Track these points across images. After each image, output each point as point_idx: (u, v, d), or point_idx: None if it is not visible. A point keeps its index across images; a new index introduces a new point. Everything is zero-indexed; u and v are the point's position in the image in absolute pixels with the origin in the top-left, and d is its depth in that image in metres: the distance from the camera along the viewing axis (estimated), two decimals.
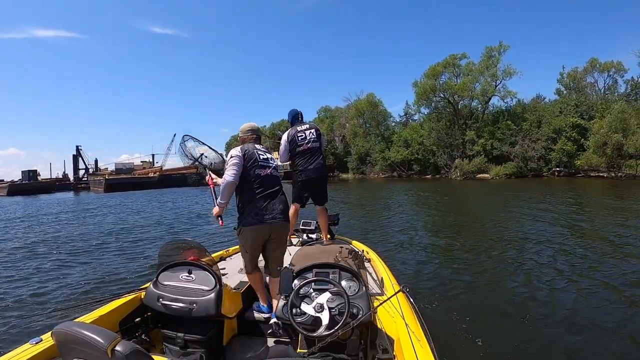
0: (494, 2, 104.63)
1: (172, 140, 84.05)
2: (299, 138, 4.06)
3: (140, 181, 56.59)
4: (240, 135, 2.98)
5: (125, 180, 56.48)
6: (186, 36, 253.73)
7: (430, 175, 40.73)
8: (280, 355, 2.09)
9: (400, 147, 43.05)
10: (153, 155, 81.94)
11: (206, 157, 3.38)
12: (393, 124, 50.23)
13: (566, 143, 33.07)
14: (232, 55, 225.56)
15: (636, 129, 29.36)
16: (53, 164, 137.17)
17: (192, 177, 53.90)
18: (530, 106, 39.02)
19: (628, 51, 59.79)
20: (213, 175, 3.08)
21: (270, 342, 2.50)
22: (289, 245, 3.91)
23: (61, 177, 75.37)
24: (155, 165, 75.73)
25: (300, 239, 4.32)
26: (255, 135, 2.95)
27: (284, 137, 4.11)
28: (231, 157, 2.66)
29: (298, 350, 2.11)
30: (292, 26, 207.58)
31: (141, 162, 78.64)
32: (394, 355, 1.84)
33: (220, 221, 2.84)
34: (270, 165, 2.79)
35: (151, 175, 61.54)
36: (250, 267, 2.72)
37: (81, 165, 72.67)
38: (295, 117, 4.28)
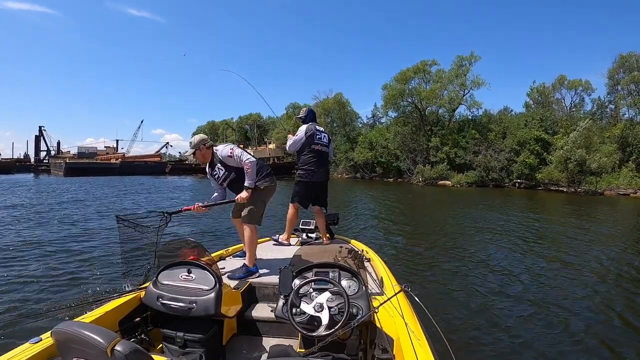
0: (473, 14, 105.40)
1: (139, 127, 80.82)
2: (317, 137, 3.94)
3: (101, 167, 52.97)
4: (202, 145, 3.12)
5: (86, 165, 52.77)
6: (162, 21, 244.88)
7: (392, 179, 38.49)
8: (280, 355, 1.87)
9: (365, 148, 40.65)
10: (117, 140, 77.60)
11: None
12: (360, 125, 47.98)
13: (529, 156, 31.77)
14: (204, 45, 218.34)
15: (598, 147, 28.80)
16: (15, 144, 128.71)
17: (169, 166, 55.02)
18: (496, 117, 37.53)
19: (597, 71, 60.36)
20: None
21: (270, 342, 2.40)
22: (288, 246, 3.98)
23: (22, 157, 69.98)
24: (120, 150, 71.08)
25: (300, 239, 4.16)
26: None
27: (304, 128, 3.94)
28: (232, 147, 3.12)
29: (298, 350, 2.08)
30: (267, 19, 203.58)
31: (105, 147, 73.32)
32: (394, 355, 1.76)
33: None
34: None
35: (113, 161, 57.28)
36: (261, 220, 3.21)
37: (43, 146, 67.51)
38: (314, 117, 4.17)
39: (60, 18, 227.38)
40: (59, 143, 71.36)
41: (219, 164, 3.11)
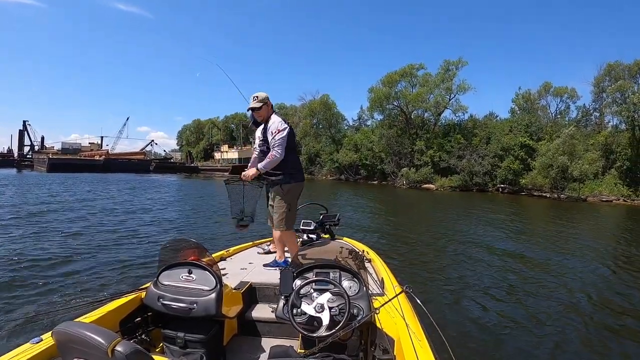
0: (462, 20, 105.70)
1: (125, 124, 79.65)
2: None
3: (85, 163, 51.51)
4: (269, 101, 3.02)
5: (69, 161, 51.11)
6: (150, 17, 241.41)
7: (377, 181, 37.63)
8: (280, 355, 1.89)
9: (350, 150, 39.74)
10: (102, 137, 75.15)
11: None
12: (346, 127, 47.02)
13: (513, 161, 31.09)
14: (192, 43, 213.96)
15: (582, 154, 28.26)
16: (0, 138, 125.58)
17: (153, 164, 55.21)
18: (481, 122, 36.91)
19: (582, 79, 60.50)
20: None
21: (271, 342, 2.37)
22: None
23: (5, 152, 67.91)
24: (104, 147, 69.26)
25: (301, 239, 3.88)
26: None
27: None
28: (284, 129, 2.93)
29: (298, 350, 2.07)
30: (255, 20, 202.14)
31: (89, 143, 71.21)
32: (394, 356, 1.74)
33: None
34: None
35: (97, 158, 55.64)
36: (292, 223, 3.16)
37: (27, 141, 65.35)
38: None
39: (46, 10, 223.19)
40: (42, 138, 69.17)
41: (266, 130, 3.01)
